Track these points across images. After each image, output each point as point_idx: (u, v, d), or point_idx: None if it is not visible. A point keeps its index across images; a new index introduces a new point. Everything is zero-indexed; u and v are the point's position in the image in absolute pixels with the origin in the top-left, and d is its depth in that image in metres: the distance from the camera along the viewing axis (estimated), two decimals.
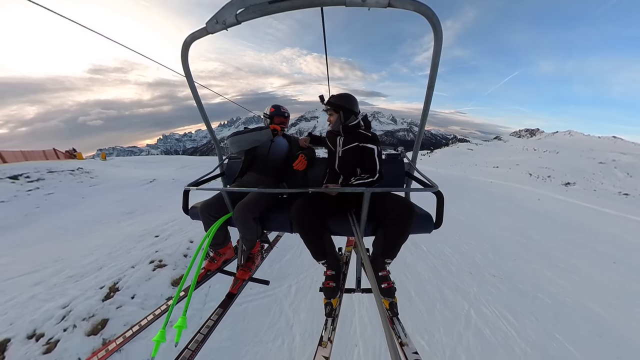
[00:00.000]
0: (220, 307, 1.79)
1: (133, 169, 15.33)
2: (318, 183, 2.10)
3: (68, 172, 11.35)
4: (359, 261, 2.01)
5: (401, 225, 1.56)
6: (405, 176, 2.13)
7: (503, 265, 4.69)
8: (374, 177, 1.76)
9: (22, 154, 16.71)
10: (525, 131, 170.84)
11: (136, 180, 11.42)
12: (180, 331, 1.39)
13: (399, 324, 1.50)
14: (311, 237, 1.68)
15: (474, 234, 6.20)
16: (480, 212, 8.47)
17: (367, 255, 1.72)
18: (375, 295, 1.10)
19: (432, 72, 1.36)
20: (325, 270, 1.74)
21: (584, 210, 11.43)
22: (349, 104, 1.90)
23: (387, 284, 1.61)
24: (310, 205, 1.69)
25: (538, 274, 4.53)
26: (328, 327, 1.59)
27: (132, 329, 1.52)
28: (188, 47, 1.41)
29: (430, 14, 1.14)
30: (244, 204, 1.82)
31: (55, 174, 10.76)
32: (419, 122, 1.69)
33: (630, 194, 28.30)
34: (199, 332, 1.61)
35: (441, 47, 1.27)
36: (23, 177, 9.71)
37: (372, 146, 1.82)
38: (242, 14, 1.22)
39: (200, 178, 1.91)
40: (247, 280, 2.09)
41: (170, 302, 1.61)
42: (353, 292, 1.97)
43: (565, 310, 3.59)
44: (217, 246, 2.09)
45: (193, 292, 1.52)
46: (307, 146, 2.33)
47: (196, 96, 1.70)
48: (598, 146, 70.92)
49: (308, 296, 3.50)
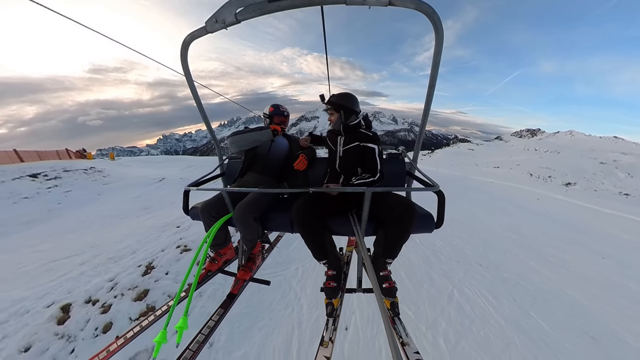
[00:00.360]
0: (221, 307, 1.78)
1: (141, 168, 16.17)
2: (319, 183, 2.09)
3: (82, 171, 12.13)
4: (360, 261, 2.00)
5: (402, 225, 1.55)
6: (406, 176, 2.13)
7: (491, 256, 4.87)
8: (375, 177, 1.75)
9: (37, 154, 17.54)
10: (527, 131, 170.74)
11: (146, 179, 11.97)
12: (181, 332, 1.39)
13: (400, 323, 1.49)
14: (312, 237, 1.67)
15: (467, 229, 6.32)
16: (479, 211, 8.52)
17: (368, 255, 1.71)
18: (376, 295, 1.09)
19: (433, 72, 1.35)
20: (326, 270, 1.73)
21: (582, 210, 11.52)
22: (349, 103, 1.90)
23: (389, 284, 1.60)
24: (311, 205, 1.68)
25: (524, 265, 4.64)
26: (329, 327, 1.58)
27: (132, 330, 1.52)
28: (187, 47, 1.41)
29: (431, 12, 1.13)
30: (245, 204, 1.82)
31: (71, 172, 11.62)
32: (419, 122, 1.68)
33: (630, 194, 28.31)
34: (200, 332, 1.60)
35: (442, 46, 1.26)
36: (42, 176, 10.40)
37: (373, 145, 1.81)
38: (242, 13, 1.22)
39: (201, 178, 1.91)
40: (248, 281, 2.08)
41: (171, 302, 1.60)
42: (354, 292, 1.97)
43: (545, 296, 3.73)
44: (217, 246, 2.08)
45: (194, 292, 1.51)
46: (307, 146, 2.32)
47: (196, 96, 1.70)
48: (599, 146, 70.86)
49: (313, 275, 3.87)
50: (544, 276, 4.29)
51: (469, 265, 4.43)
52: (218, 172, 2.36)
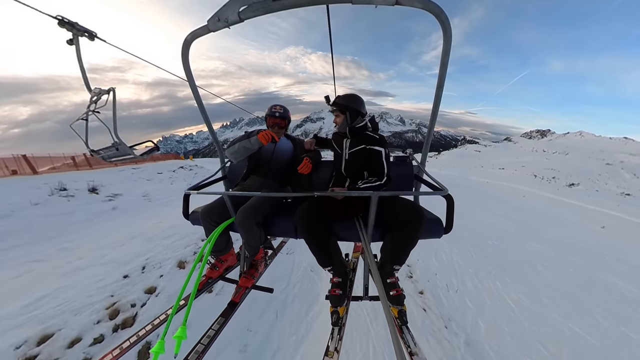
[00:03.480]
0: (221, 316, 1.73)
1: (213, 165, 20.27)
2: (324, 187, 2.04)
3: (188, 168, 17.45)
4: (366, 268, 1.97)
5: (410, 230, 1.51)
6: (414, 179, 2.09)
7: (466, 233, 6.26)
8: (381, 181, 1.70)
9: (160, 157, 23.28)
10: (537, 132, 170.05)
11: None
12: (179, 342, 1.34)
13: (408, 332, 1.46)
14: (316, 243, 1.63)
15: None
16: (461, 203, 9.27)
17: (375, 262, 1.66)
18: (382, 303, 1.06)
19: (441, 72, 1.34)
20: (331, 278, 1.69)
21: (561, 204, 12.72)
22: (355, 105, 1.85)
23: (396, 291, 1.56)
24: (316, 209, 1.64)
25: (480, 234, 6.40)
26: (334, 337, 1.54)
27: (129, 340, 1.46)
28: (189, 46, 1.38)
29: (439, 11, 1.12)
30: (247, 209, 1.76)
31: (181, 169, 16.49)
32: (428, 123, 1.67)
33: (632, 194, 28.34)
34: (200, 342, 1.55)
35: (450, 46, 1.24)
36: (179, 169, 16.39)
37: (379, 148, 1.76)
38: (245, 12, 1.20)
39: (201, 181, 1.86)
40: (250, 289, 2.02)
41: (169, 311, 1.55)
42: (360, 300, 1.93)
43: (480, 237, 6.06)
44: (218, 253, 2.03)
45: (193, 301, 1.46)
46: (312, 148, 2.25)
47: (197, 96, 1.66)
48: (608, 147, 70.31)
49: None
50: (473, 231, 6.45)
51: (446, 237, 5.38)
52: (220, 175, 2.31)
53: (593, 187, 33.82)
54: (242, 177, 2.19)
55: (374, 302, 1.92)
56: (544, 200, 13.60)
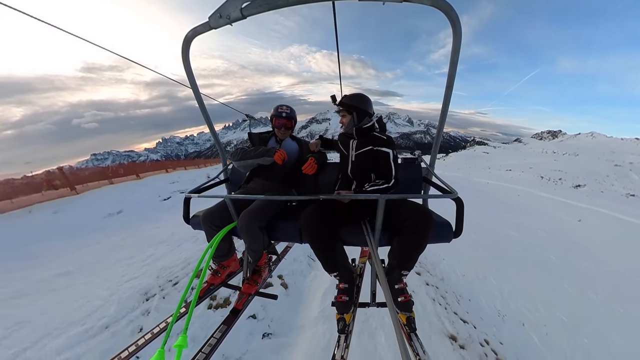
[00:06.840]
0: (224, 323, 1.67)
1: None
2: (329, 189, 2.01)
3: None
4: (373, 273, 1.93)
5: (419, 235, 1.47)
6: (422, 182, 2.04)
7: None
8: (389, 183, 1.66)
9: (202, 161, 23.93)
10: (547, 133, 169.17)
11: None
12: (180, 351, 1.29)
13: (417, 340, 1.41)
14: (322, 248, 1.59)
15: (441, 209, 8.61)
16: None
17: (382, 267, 1.61)
18: (390, 309, 1.04)
19: (450, 71, 1.31)
20: (337, 283, 1.64)
21: (553, 203, 13.65)
22: (362, 105, 1.80)
23: (404, 297, 1.52)
24: (321, 213, 1.60)
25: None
26: (341, 345, 1.49)
27: (127, 349, 1.41)
28: (189, 44, 1.34)
29: (448, 9, 1.10)
30: (250, 212, 1.71)
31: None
32: (436, 123, 1.63)
33: (636, 195, 28.08)
34: (201, 351, 1.50)
35: (460, 45, 1.21)
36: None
37: (387, 150, 1.72)
38: (248, 8, 1.16)
39: (203, 184, 1.81)
40: (254, 295, 1.97)
41: (169, 319, 1.50)
42: (367, 307, 1.88)
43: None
44: (220, 258, 1.98)
45: (194, 308, 1.41)
46: (318, 150, 2.19)
47: (198, 96, 1.61)
48: (620, 148, 69.65)
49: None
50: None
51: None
52: (222, 178, 2.26)
53: (599, 189, 33.65)
54: (245, 179, 2.15)
55: (382, 308, 1.87)
56: (536, 199, 14.48)
